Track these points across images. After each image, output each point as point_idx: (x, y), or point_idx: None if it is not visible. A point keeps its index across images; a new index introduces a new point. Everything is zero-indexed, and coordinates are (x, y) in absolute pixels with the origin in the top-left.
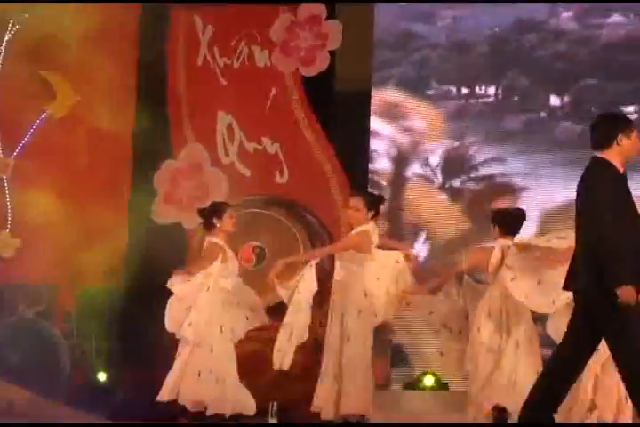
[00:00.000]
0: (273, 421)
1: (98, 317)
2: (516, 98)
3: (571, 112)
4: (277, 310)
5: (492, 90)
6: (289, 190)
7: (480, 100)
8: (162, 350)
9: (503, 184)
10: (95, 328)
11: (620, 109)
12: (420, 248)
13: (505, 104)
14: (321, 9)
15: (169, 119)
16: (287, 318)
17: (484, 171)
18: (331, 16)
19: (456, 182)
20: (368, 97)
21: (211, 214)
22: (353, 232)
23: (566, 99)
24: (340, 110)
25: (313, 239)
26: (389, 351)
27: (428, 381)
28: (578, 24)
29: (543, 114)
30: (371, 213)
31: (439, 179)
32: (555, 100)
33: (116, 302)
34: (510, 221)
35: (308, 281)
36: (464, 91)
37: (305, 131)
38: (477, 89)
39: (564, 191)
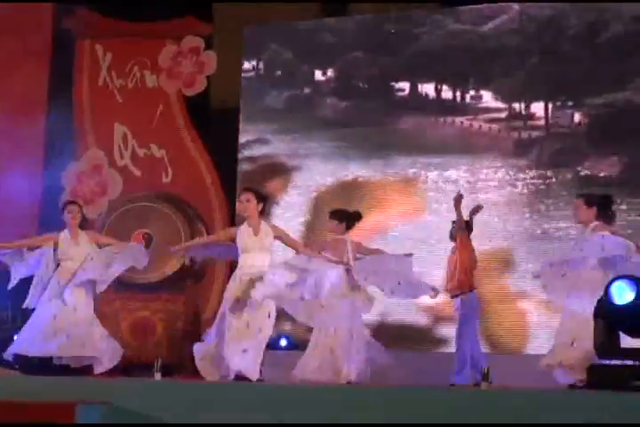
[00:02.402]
0: (157, 375)
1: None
2: (278, 73)
3: (336, 87)
4: (169, 283)
5: (251, 64)
6: (172, 188)
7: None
8: None
9: (270, 165)
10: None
11: (390, 85)
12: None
13: (266, 80)
14: (200, 42)
15: (74, 128)
16: None
17: (247, 152)
18: (208, 47)
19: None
20: (237, 112)
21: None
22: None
23: (331, 73)
24: (214, 123)
25: (191, 227)
26: None
27: (283, 342)
28: None
29: (307, 90)
30: (260, 206)
31: None
32: (319, 75)
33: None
34: None
35: None
36: None
37: (185, 139)
38: None
39: (331, 169)
